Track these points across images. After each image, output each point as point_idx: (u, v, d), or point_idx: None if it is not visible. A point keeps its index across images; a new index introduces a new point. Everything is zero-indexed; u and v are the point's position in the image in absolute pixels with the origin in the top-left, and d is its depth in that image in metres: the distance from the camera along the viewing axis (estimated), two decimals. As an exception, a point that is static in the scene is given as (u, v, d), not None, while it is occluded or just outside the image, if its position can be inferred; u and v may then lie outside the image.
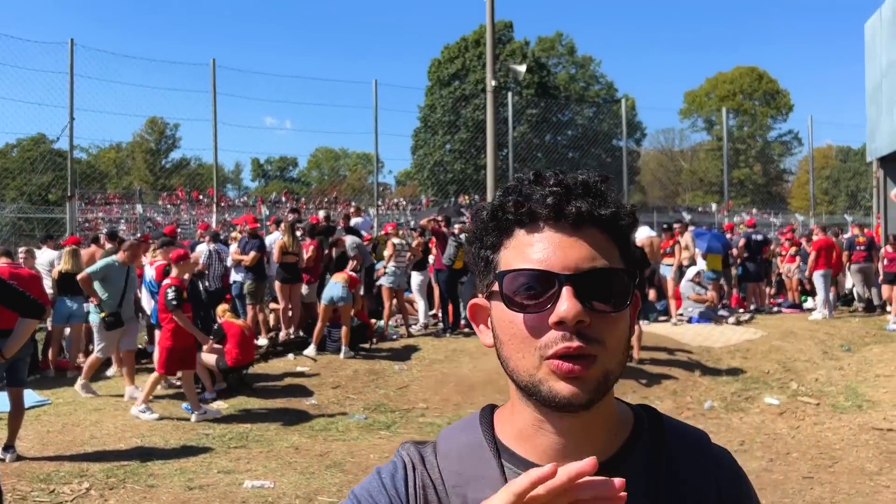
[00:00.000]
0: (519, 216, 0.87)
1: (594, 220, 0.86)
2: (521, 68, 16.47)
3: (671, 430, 0.95)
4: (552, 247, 0.85)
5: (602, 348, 0.83)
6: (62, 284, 9.05)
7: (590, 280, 0.84)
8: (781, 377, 9.62)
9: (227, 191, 57.94)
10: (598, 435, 0.89)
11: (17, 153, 45.10)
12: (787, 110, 62.57)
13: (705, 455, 0.95)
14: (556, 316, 0.82)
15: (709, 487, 0.91)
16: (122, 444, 6.44)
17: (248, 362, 8.52)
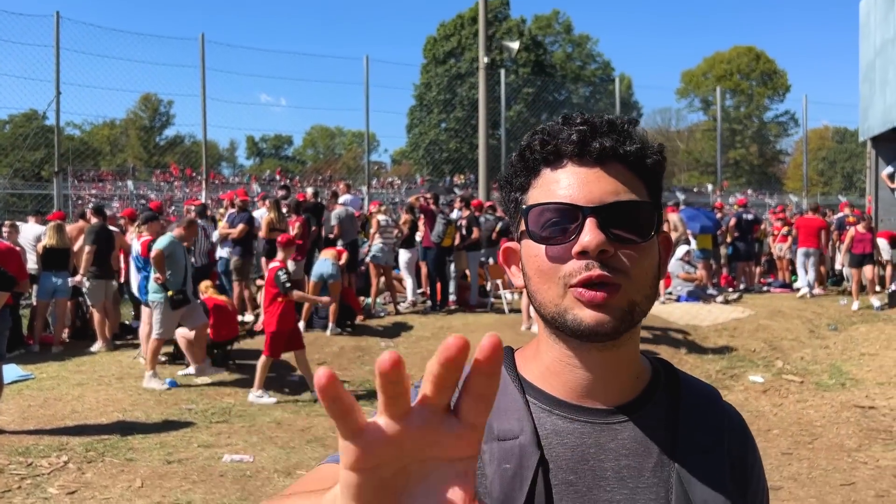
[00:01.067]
0: (545, 154, 0.90)
1: (619, 157, 0.89)
2: (515, 45, 16.35)
3: (686, 383, 0.98)
4: (577, 182, 0.87)
5: (626, 278, 0.85)
6: (47, 260, 9.00)
7: (614, 212, 0.85)
8: (767, 356, 9.65)
9: (221, 168, 57.72)
10: (623, 375, 0.91)
11: (10, 129, 44.82)
12: (785, 91, 62.33)
13: (717, 409, 0.97)
14: (578, 246, 0.84)
15: (719, 441, 0.93)
16: (104, 419, 6.43)
17: (231, 338, 8.49)
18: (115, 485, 4.83)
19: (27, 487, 4.77)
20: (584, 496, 0.87)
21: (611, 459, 0.88)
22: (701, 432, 0.93)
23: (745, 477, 0.96)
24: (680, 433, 0.91)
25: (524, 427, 0.88)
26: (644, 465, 0.89)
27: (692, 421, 0.93)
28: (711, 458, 0.91)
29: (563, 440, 0.89)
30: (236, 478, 5.02)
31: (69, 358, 8.62)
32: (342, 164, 55.05)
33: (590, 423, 0.89)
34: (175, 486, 4.84)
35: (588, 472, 0.88)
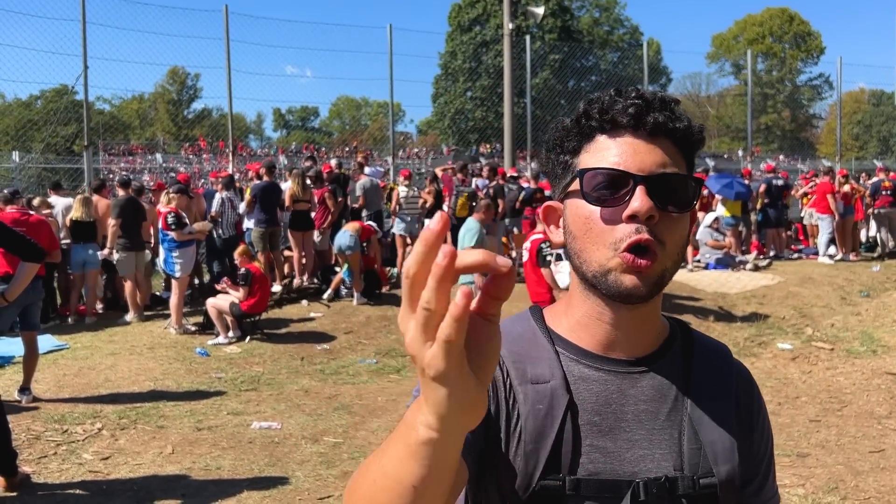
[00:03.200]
0: (602, 122, 0.97)
1: (668, 132, 0.96)
2: (539, 10, 16.07)
3: (699, 340, 1.08)
4: (630, 151, 0.95)
5: (663, 249, 0.93)
6: (75, 232, 9.14)
7: (661, 183, 0.93)
8: (797, 323, 9.54)
9: (249, 141, 57.95)
10: (646, 331, 1.02)
11: (42, 104, 45.39)
12: (819, 53, 60.77)
13: (726, 364, 1.08)
14: (630, 210, 0.91)
15: (727, 390, 1.04)
16: (136, 388, 6.57)
17: (262, 310, 8.58)
18: (147, 451, 4.95)
19: (62, 453, 4.90)
20: (606, 435, 0.98)
21: (631, 404, 0.99)
22: (711, 382, 1.03)
23: (751, 422, 1.07)
24: (692, 382, 1.02)
25: (555, 373, 0.98)
26: (660, 409, 1.00)
27: (703, 372, 1.03)
28: (719, 404, 1.02)
29: (589, 386, 0.99)
30: (265, 444, 5.12)
31: (102, 328, 8.80)
32: (368, 134, 54.98)
33: (613, 372, 1.00)
34: (205, 452, 4.95)
35: (611, 414, 0.98)
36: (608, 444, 0.98)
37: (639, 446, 0.98)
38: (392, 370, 7.43)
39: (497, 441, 0.97)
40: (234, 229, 10.44)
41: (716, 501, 0.99)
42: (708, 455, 0.99)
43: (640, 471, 0.97)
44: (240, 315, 8.24)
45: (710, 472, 0.99)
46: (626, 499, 0.95)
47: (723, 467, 0.99)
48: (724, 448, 1.00)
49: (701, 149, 1.02)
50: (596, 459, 0.97)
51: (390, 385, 6.88)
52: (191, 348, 7.91)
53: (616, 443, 0.98)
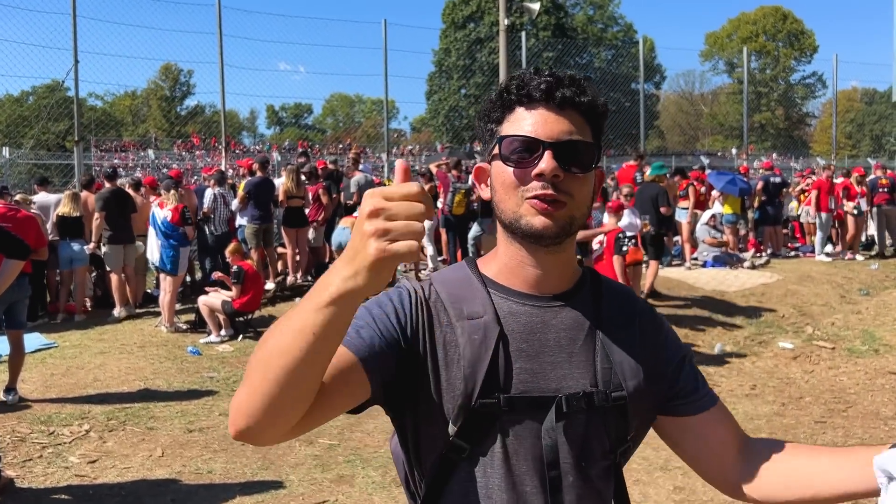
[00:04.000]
0: (520, 96, 1.13)
1: (575, 105, 1.12)
2: (535, 5, 15.87)
3: (606, 283, 1.27)
4: (541, 121, 1.11)
5: (570, 199, 1.11)
6: (62, 228, 8.96)
7: (566, 148, 1.10)
8: (797, 321, 9.44)
9: (242, 138, 57.61)
10: (562, 272, 1.19)
11: (34, 100, 44.99)
12: (812, 51, 60.81)
13: (629, 302, 1.27)
14: (537, 170, 1.09)
15: (632, 321, 1.23)
16: (126, 387, 6.41)
17: (255, 308, 8.42)
18: (136, 454, 4.80)
19: (48, 456, 4.74)
20: (533, 358, 1.14)
21: (552, 332, 1.16)
22: (617, 315, 1.22)
23: (657, 342, 1.25)
24: (602, 315, 1.20)
25: (487, 310, 1.15)
26: (577, 336, 1.17)
27: (611, 307, 1.22)
28: (625, 333, 1.21)
29: (516, 319, 1.16)
30: (257, 447, 4.96)
31: (91, 326, 8.62)
32: (362, 132, 54.77)
33: (537, 307, 1.17)
34: (196, 455, 4.79)
35: (536, 341, 1.15)
36: (535, 367, 1.14)
37: (560, 367, 1.15)
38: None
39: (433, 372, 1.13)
40: (226, 226, 10.26)
41: (625, 411, 1.17)
42: (617, 373, 1.17)
43: (563, 388, 1.14)
44: (232, 313, 8.08)
45: (620, 386, 1.16)
46: (552, 412, 1.13)
47: (630, 382, 1.17)
48: (630, 367, 1.18)
49: (606, 118, 1.18)
50: (525, 380, 1.13)
51: (386, 385, 6.73)
52: (182, 347, 7.75)
53: (541, 365, 1.14)
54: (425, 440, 1.16)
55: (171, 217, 8.28)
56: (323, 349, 0.92)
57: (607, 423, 1.17)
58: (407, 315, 1.14)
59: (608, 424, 1.17)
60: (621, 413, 1.17)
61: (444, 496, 1.16)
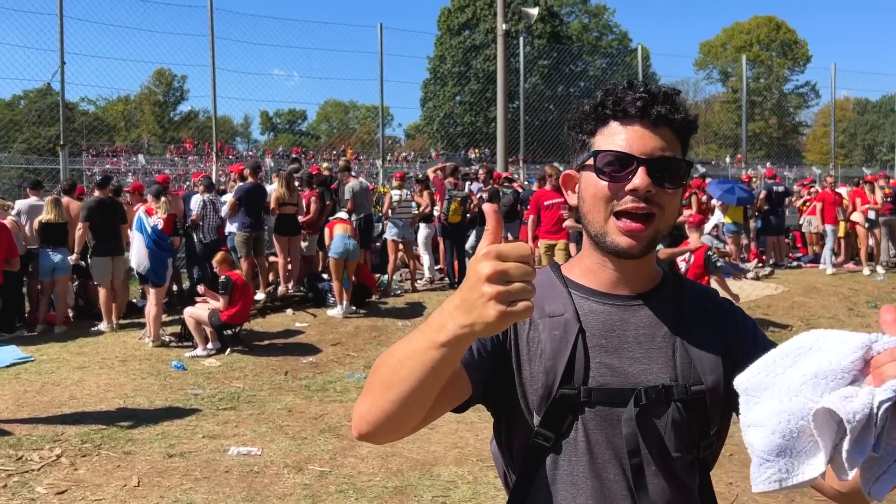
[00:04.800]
0: (615, 111, 1.18)
1: (668, 122, 1.18)
2: (534, 11, 15.66)
3: (688, 283, 1.32)
4: (636, 137, 1.17)
5: (660, 211, 1.16)
6: (45, 235, 8.57)
7: (659, 164, 1.16)
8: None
9: (236, 143, 57.17)
10: (642, 275, 1.25)
11: (25, 105, 44.52)
12: (805, 61, 60.88)
13: (712, 301, 1.30)
14: (632, 185, 1.14)
15: (712, 319, 1.27)
16: (104, 406, 6.03)
17: (244, 321, 8.04)
18: (110, 483, 4.41)
19: (13, 486, 4.35)
20: (612, 354, 1.20)
21: (631, 329, 1.21)
22: (699, 313, 1.26)
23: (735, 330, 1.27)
24: (683, 313, 1.24)
25: (567, 308, 1.22)
26: (656, 333, 1.22)
27: (692, 306, 1.26)
28: (706, 330, 1.24)
29: (596, 317, 1.22)
30: (242, 474, 4.59)
31: (72, 339, 8.23)
32: (356, 138, 54.45)
33: (617, 305, 1.23)
34: (175, 484, 4.41)
35: (615, 337, 1.21)
36: (614, 361, 1.19)
37: (639, 362, 1.19)
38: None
39: (517, 367, 1.21)
40: (215, 233, 9.89)
41: (705, 405, 1.19)
42: (697, 368, 1.20)
43: (641, 381, 1.18)
44: (219, 326, 7.70)
45: (700, 381, 1.19)
46: (630, 402, 1.17)
47: (710, 377, 1.20)
48: (710, 362, 1.21)
49: (695, 133, 1.22)
50: (604, 373, 1.18)
51: (381, 403, 6.35)
52: (166, 361, 7.37)
53: (620, 360, 1.19)
54: (516, 433, 1.24)
55: (162, 225, 7.90)
56: (437, 380, 1.01)
57: (688, 417, 1.19)
58: None
59: (689, 418, 1.19)
60: (701, 407, 1.20)
61: (534, 483, 1.23)
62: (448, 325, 0.92)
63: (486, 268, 0.86)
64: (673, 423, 1.18)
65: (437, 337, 0.94)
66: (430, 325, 0.96)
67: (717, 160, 44.88)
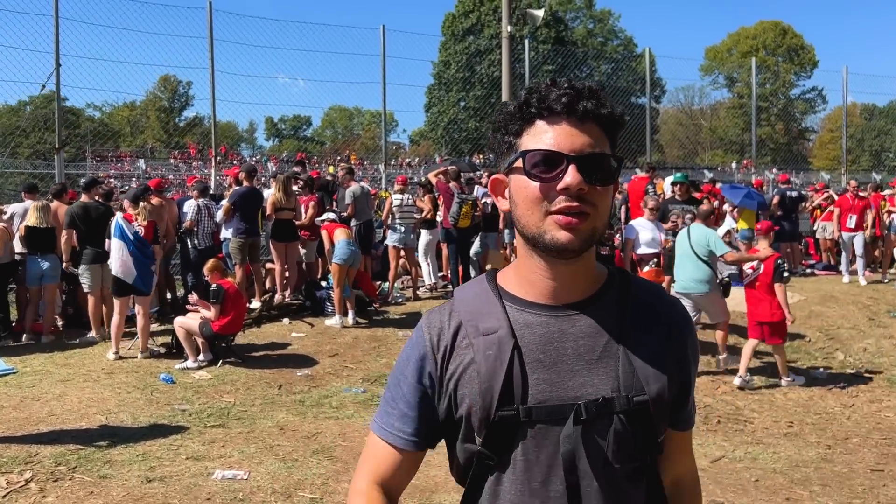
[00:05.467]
0: (540, 109, 1.14)
1: (595, 117, 1.13)
2: (539, 13, 15.29)
3: (636, 282, 1.27)
4: (564, 134, 1.13)
5: (594, 209, 1.12)
6: (31, 241, 8.23)
7: (589, 161, 1.11)
8: (825, 346, 8.72)
9: (241, 149, 56.98)
10: (581, 280, 1.21)
11: (31, 110, 44.36)
12: (812, 66, 60.49)
13: (659, 301, 1.26)
14: (563, 184, 1.10)
15: (658, 322, 1.23)
16: (84, 423, 5.66)
17: (236, 331, 7.67)
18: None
19: (-27, 516, 4.00)
20: (550, 368, 1.17)
21: (570, 341, 1.18)
22: (644, 317, 1.22)
23: (683, 348, 1.25)
24: (627, 319, 1.21)
25: (502, 323, 1.19)
26: (597, 343, 1.18)
27: (638, 310, 1.22)
28: (651, 335, 1.21)
29: (532, 330, 1.19)
30: (225, 502, 4.22)
31: (59, 349, 7.89)
32: (360, 144, 54.25)
33: (554, 316, 1.19)
34: (151, 513, 4.04)
35: (553, 351, 1.17)
36: (552, 376, 1.16)
37: (579, 375, 1.17)
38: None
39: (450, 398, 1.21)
40: (210, 239, 9.55)
41: (649, 416, 1.17)
42: (640, 377, 1.17)
43: (582, 395, 1.16)
44: (211, 336, 7.34)
45: (643, 390, 1.17)
46: (570, 419, 1.15)
47: (653, 386, 1.17)
48: (654, 370, 1.18)
49: (621, 130, 1.18)
50: (543, 390, 1.16)
51: (379, 420, 5.97)
52: (155, 374, 7.01)
53: (559, 374, 1.16)
54: (460, 452, 1.24)
55: (143, 232, 7.55)
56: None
57: (632, 429, 1.16)
58: (426, 366, 1.22)
59: (633, 429, 1.17)
60: (645, 417, 1.17)
61: (479, 501, 1.22)
62: None
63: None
64: (615, 435, 1.16)
65: None
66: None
67: (722, 166, 44.48)
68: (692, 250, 7.46)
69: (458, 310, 1.22)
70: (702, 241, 7.44)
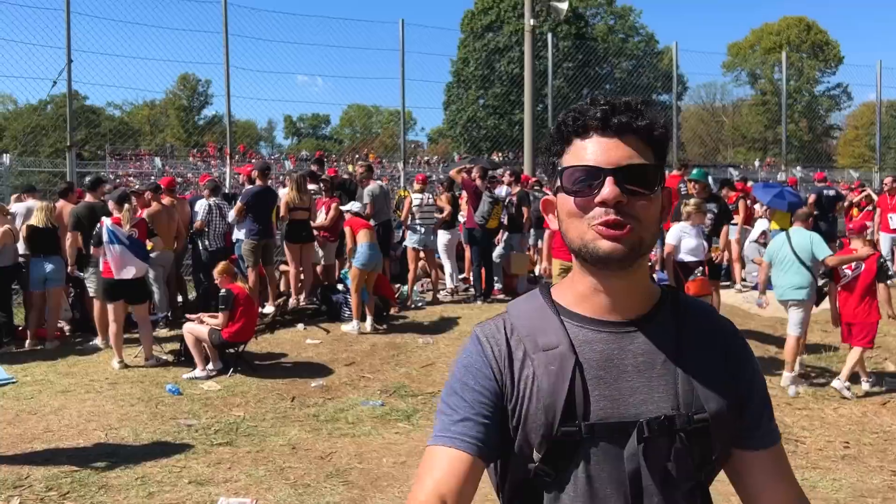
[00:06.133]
0: (575, 128, 1.15)
1: (633, 130, 1.13)
2: (563, 5, 14.81)
3: (686, 302, 1.26)
4: (600, 149, 1.12)
5: (637, 222, 1.10)
6: (34, 242, 7.87)
7: (627, 172, 1.10)
8: (873, 355, 8.15)
9: (260, 148, 56.91)
10: (636, 295, 1.18)
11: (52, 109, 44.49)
12: (837, 63, 59.39)
13: (712, 320, 1.26)
14: (600, 197, 1.09)
15: (714, 341, 1.22)
16: (82, 440, 5.28)
17: (248, 338, 7.26)
18: (66, 550, 3.64)
19: (-52, 553, 3.61)
20: (611, 385, 1.15)
21: (630, 358, 1.16)
22: (699, 335, 1.21)
23: (739, 365, 1.23)
24: (683, 336, 1.20)
25: (561, 340, 1.16)
26: (656, 360, 1.17)
27: (692, 327, 1.21)
28: (707, 353, 1.20)
29: (592, 347, 1.16)
30: (228, 537, 3.80)
31: (62, 356, 7.54)
32: (379, 142, 53.97)
33: (613, 333, 1.17)
34: (145, 551, 3.63)
35: (613, 368, 1.15)
36: (613, 393, 1.14)
37: (640, 392, 1.15)
38: (401, 416, 6.07)
39: (515, 412, 1.16)
40: (222, 240, 9.16)
41: (708, 433, 1.15)
42: (699, 395, 1.15)
43: (643, 412, 1.14)
44: (221, 344, 6.94)
45: (703, 408, 1.15)
46: (633, 436, 1.13)
47: (713, 404, 1.16)
48: (712, 389, 1.16)
49: (669, 139, 1.17)
50: (605, 406, 1.14)
51: (398, 438, 5.53)
52: (161, 384, 6.62)
53: (620, 391, 1.14)
54: (513, 470, 1.20)
55: (137, 234, 7.13)
56: None
57: (691, 446, 1.16)
58: (488, 373, 1.18)
59: (692, 447, 1.16)
60: (704, 435, 1.16)
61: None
62: None
63: None
64: (676, 453, 1.15)
65: None
66: None
67: (745, 163, 43.67)
68: (794, 255, 7.00)
69: (514, 324, 1.20)
70: (805, 245, 6.99)
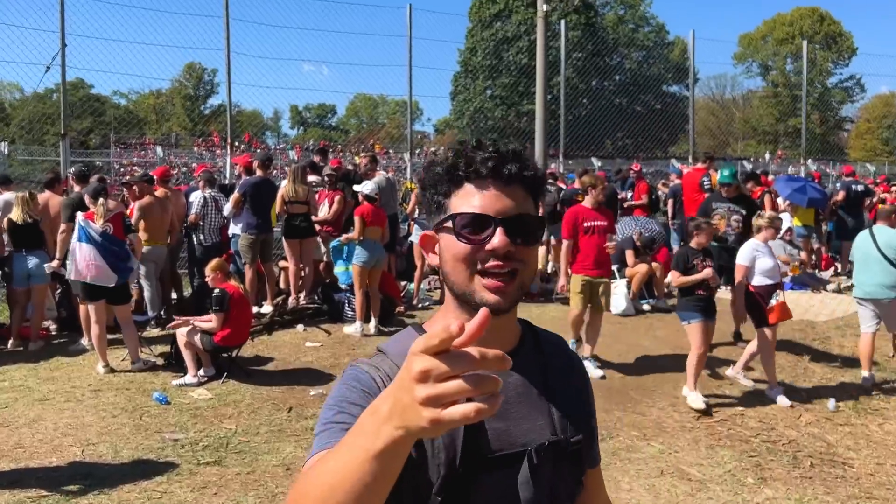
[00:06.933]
0: (468, 173, 1.17)
1: (520, 180, 1.18)
2: (578, -10, 14.21)
3: (542, 334, 1.35)
4: (490, 197, 1.16)
5: (523, 266, 1.16)
6: (16, 237, 7.37)
7: (515, 222, 1.15)
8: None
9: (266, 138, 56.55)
10: (507, 332, 1.26)
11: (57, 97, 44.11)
12: (850, 54, 58.53)
13: (565, 350, 1.38)
14: (490, 246, 1.14)
15: (572, 370, 1.35)
16: (55, 458, 4.78)
17: (242, 341, 6.76)
18: None
19: None
20: (499, 418, 1.18)
21: (511, 389, 1.22)
22: (560, 365, 1.32)
23: (589, 393, 1.38)
24: (549, 367, 1.29)
25: None
26: (531, 391, 1.24)
27: (553, 358, 1.31)
28: (570, 381, 1.33)
29: None
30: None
31: (45, 358, 7.06)
32: (385, 132, 53.44)
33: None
34: None
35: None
36: (502, 425, 1.18)
37: (525, 421, 1.21)
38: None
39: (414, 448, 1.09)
40: (218, 235, 8.66)
41: (580, 456, 1.26)
42: (570, 421, 1.25)
43: (530, 441, 1.20)
44: (213, 349, 6.43)
45: (576, 433, 1.25)
46: (524, 465, 1.18)
47: (581, 427, 1.27)
48: (579, 412, 1.29)
49: (544, 190, 1.25)
50: (500, 437, 1.18)
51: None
52: (148, 392, 6.12)
53: (507, 423, 1.19)
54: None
55: (111, 229, 6.58)
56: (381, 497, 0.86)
57: (571, 469, 1.24)
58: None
59: (571, 470, 1.25)
60: (577, 457, 1.25)
61: None
62: (383, 429, 0.81)
63: (418, 364, 0.77)
64: (560, 477, 1.22)
65: (373, 444, 0.82)
66: (363, 431, 0.84)
67: (755, 156, 42.97)
68: (880, 252, 6.62)
69: (395, 363, 1.18)
70: (892, 242, 6.61)
